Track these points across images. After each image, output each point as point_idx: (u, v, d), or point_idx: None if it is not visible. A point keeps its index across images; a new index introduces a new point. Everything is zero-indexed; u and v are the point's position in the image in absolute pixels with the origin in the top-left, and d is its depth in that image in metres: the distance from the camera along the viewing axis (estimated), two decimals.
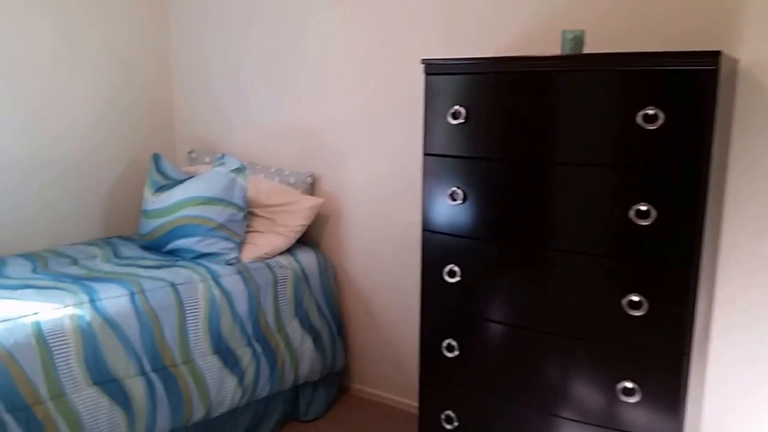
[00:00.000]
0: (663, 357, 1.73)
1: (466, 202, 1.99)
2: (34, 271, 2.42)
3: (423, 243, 2.12)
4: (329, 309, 2.78)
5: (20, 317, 1.92)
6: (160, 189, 2.80)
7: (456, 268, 2.04)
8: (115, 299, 2.13)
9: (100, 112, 3.04)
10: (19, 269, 2.43)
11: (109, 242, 2.88)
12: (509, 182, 1.91)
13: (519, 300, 1.94)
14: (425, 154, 2.06)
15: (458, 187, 1.99)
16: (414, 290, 2.69)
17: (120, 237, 3.00)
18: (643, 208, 1.70)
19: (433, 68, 2.00)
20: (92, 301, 2.08)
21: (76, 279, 2.30)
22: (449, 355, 2.09)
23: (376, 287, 2.84)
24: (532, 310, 1.92)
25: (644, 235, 1.71)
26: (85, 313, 2.03)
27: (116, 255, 2.67)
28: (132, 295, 2.17)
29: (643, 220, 1.71)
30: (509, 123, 1.88)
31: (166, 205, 2.68)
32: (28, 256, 2.60)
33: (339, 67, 2.79)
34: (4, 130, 2.70)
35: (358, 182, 2.81)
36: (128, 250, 2.75)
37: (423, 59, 2.02)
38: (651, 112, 1.66)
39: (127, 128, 3.15)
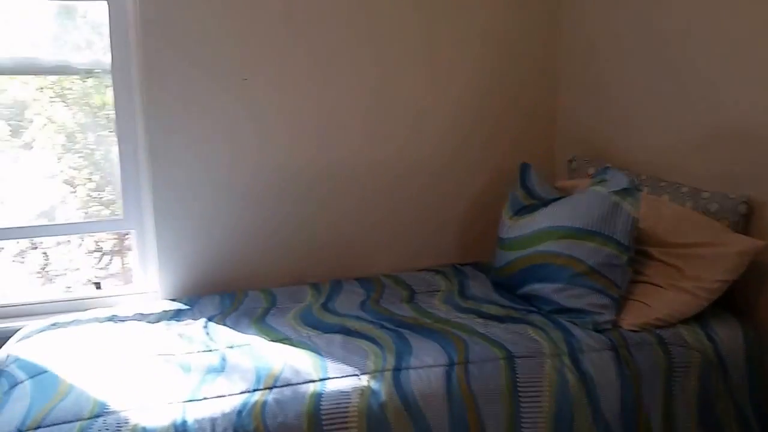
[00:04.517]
0: None
1: None
2: (362, 306, 2.03)
3: None
4: (758, 418, 1.70)
5: (303, 383, 1.51)
6: (520, 211, 2.16)
7: None
8: (425, 370, 1.57)
9: (471, 114, 2.53)
10: (348, 300, 2.09)
11: (459, 272, 2.34)
12: None
13: None
14: None
15: None
16: None
17: (475, 265, 2.42)
18: None
19: None
20: (396, 370, 1.56)
21: (398, 326, 1.83)
22: None
23: None
24: None
25: None
26: (381, 388, 1.51)
27: (461, 293, 2.14)
28: (450, 367, 1.59)
29: None
30: None
31: (523, 234, 2.06)
32: (367, 282, 2.24)
33: None
34: (372, 143, 2.43)
35: None
36: (477, 286, 2.18)
37: None
38: None
39: (500, 131, 2.57)
